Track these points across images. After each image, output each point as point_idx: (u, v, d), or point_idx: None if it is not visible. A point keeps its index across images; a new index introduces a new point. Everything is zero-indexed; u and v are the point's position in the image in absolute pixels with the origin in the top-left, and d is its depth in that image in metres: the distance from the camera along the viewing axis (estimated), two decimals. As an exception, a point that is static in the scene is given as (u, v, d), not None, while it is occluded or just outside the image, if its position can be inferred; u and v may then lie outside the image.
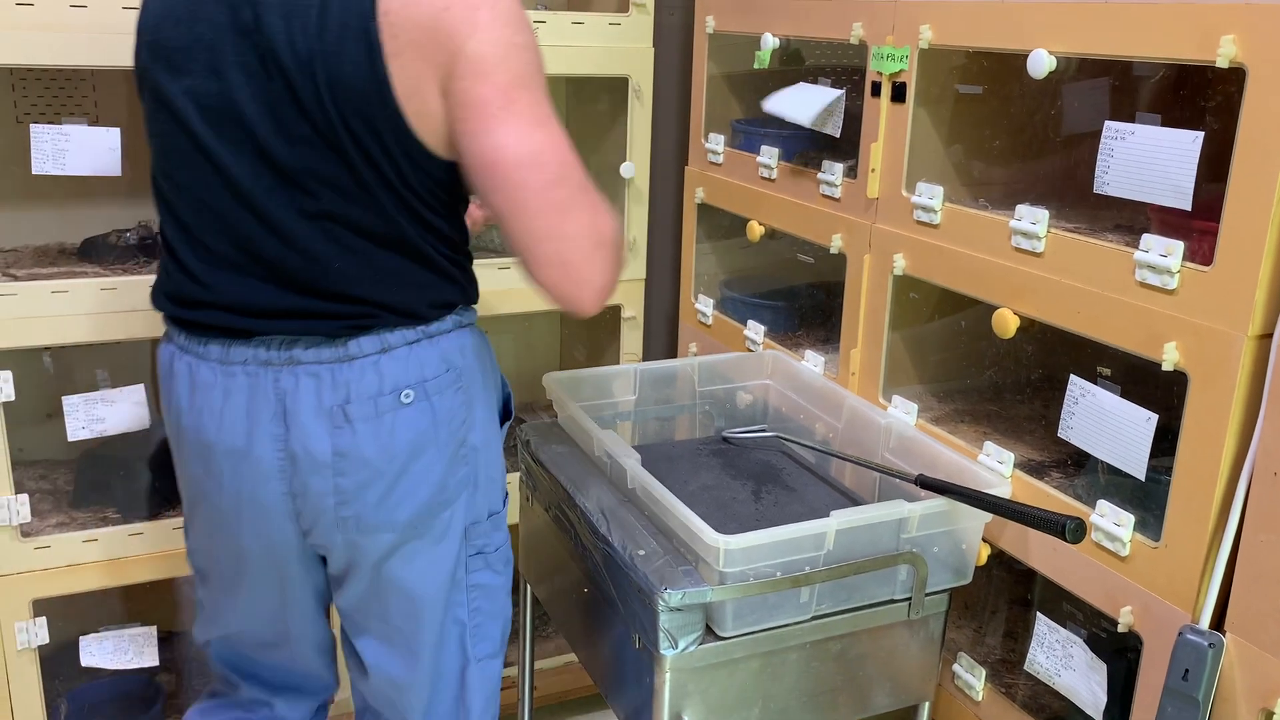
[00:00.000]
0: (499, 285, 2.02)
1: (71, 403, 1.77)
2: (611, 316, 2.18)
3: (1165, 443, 1.15)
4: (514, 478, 2.09)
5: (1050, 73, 1.23)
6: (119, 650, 1.91)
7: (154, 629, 1.92)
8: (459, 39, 1.13)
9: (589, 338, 2.37)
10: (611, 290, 1.25)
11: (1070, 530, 1.16)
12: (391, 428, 1.25)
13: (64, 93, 1.95)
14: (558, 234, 1.19)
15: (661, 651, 1.23)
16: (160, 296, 1.32)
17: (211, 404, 1.26)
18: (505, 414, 1.45)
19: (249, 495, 1.28)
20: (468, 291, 1.33)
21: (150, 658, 1.92)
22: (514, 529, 1.79)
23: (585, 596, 1.45)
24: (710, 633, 1.26)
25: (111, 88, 1.96)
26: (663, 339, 2.39)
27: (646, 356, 2.25)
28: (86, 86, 1.95)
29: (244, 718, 1.54)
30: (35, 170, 1.66)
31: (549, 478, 1.54)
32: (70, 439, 1.78)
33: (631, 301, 2.15)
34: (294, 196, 1.20)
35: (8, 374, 1.69)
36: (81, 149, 1.67)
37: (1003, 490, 1.34)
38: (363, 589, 1.36)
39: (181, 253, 1.27)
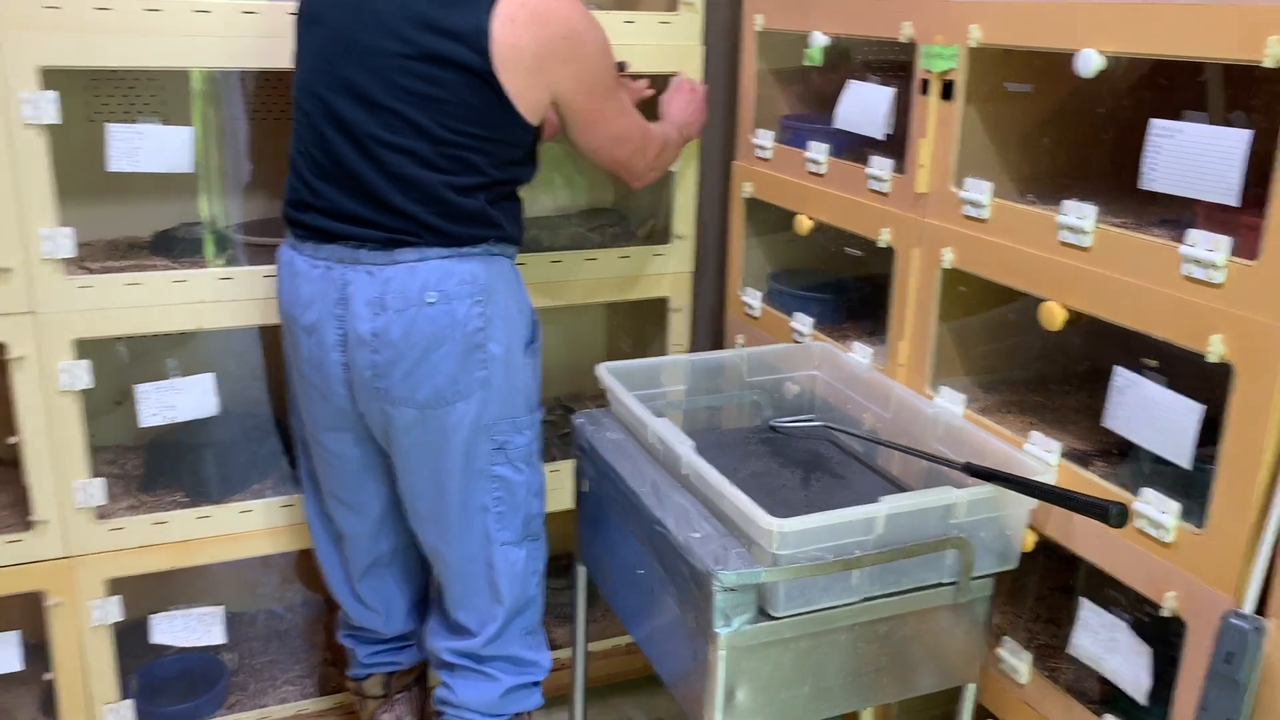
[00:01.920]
0: (550, 277, 2.08)
1: (144, 390, 1.84)
2: (659, 308, 2.23)
3: (1208, 432, 1.18)
4: (567, 465, 2.16)
5: (1099, 71, 1.26)
6: (187, 628, 1.99)
7: (221, 609, 2.00)
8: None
9: (635, 329, 2.42)
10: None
11: (1114, 515, 1.20)
12: (415, 320, 1.53)
13: (133, 92, 2.02)
14: (627, 165, 1.76)
15: (716, 630, 1.28)
16: (285, 205, 1.65)
17: (299, 290, 1.61)
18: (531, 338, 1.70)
19: (317, 362, 1.61)
20: (504, 230, 1.60)
21: (217, 636, 2.00)
22: (568, 514, 1.85)
23: (640, 578, 1.50)
24: (762, 613, 1.31)
25: (181, 88, 2.04)
26: (709, 331, 2.43)
27: (693, 348, 2.29)
28: (157, 86, 2.02)
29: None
30: (111, 167, 1.73)
31: (602, 464, 1.59)
32: (142, 425, 1.85)
33: (679, 294, 2.20)
34: (381, 129, 1.52)
35: (85, 363, 1.76)
36: (155, 147, 1.74)
37: (1049, 478, 1.37)
38: (400, 464, 1.65)
39: (300, 165, 1.62)
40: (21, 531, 1.81)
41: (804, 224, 1.86)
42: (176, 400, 1.87)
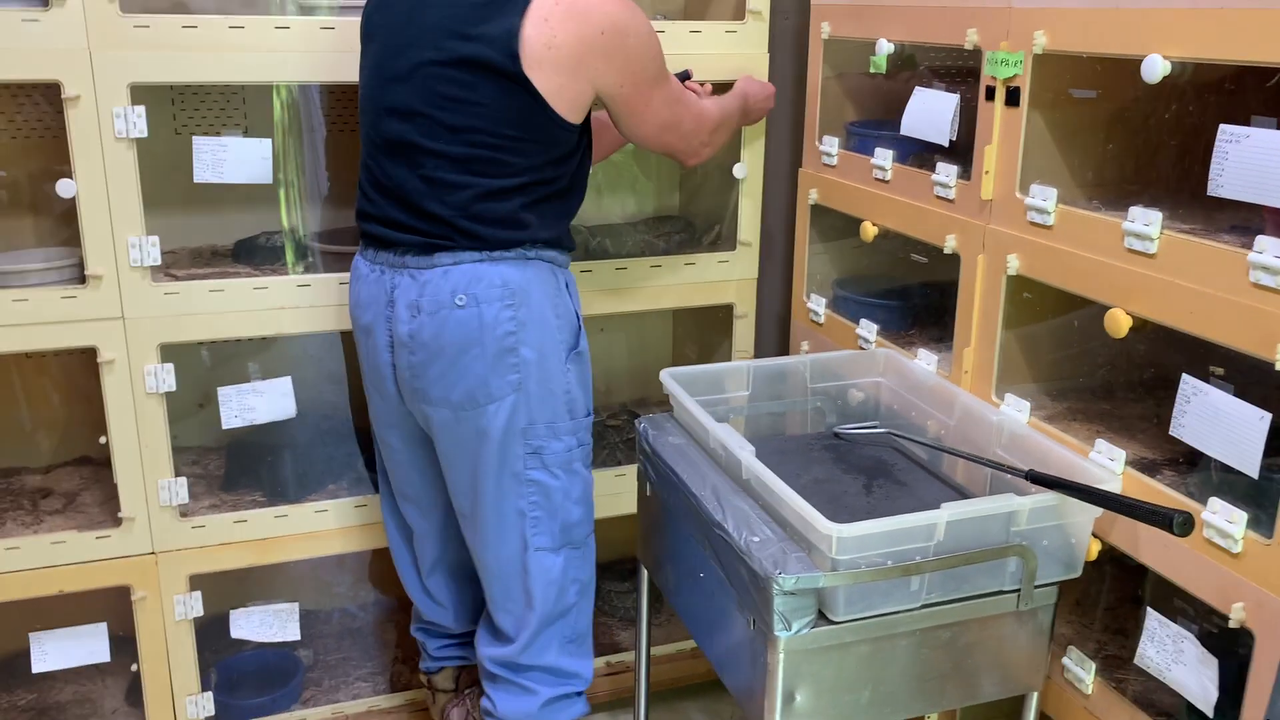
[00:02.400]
0: (617, 284, 2.11)
1: (225, 393, 1.91)
2: (723, 315, 2.24)
3: (1278, 441, 1.17)
4: (630, 469, 2.18)
5: (1164, 77, 1.25)
6: (264, 624, 2.06)
7: (296, 605, 2.06)
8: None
9: (700, 335, 2.44)
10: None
11: (1178, 524, 1.18)
12: (445, 322, 1.57)
13: (217, 106, 2.10)
14: (678, 149, 1.77)
15: (775, 633, 1.29)
16: (355, 215, 1.71)
17: (359, 293, 1.68)
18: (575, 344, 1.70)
19: (374, 363, 1.69)
20: (540, 233, 1.61)
21: (292, 632, 2.06)
22: (625, 519, 1.88)
23: (701, 582, 1.52)
24: (822, 617, 1.32)
25: (261, 101, 2.11)
26: (774, 337, 2.44)
27: (758, 354, 2.31)
28: (238, 100, 2.10)
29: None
30: (197, 179, 1.81)
31: (665, 468, 1.61)
32: (224, 427, 1.93)
33: (744, 300, 2.21)
34: (420, 136, 1.56)
35: (169, 366, 1.84)
36: (238, 159, 1.81)
37: (1113, 486, 1.36)
38: (443, 463, 1.70)
39: (363, 176, 1.68)
40: (111, 528, 1.89)
41: (869, 230, 1.86)
42: (256, 403, 1.94)
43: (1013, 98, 1.50)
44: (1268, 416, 1.17)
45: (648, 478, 1.71)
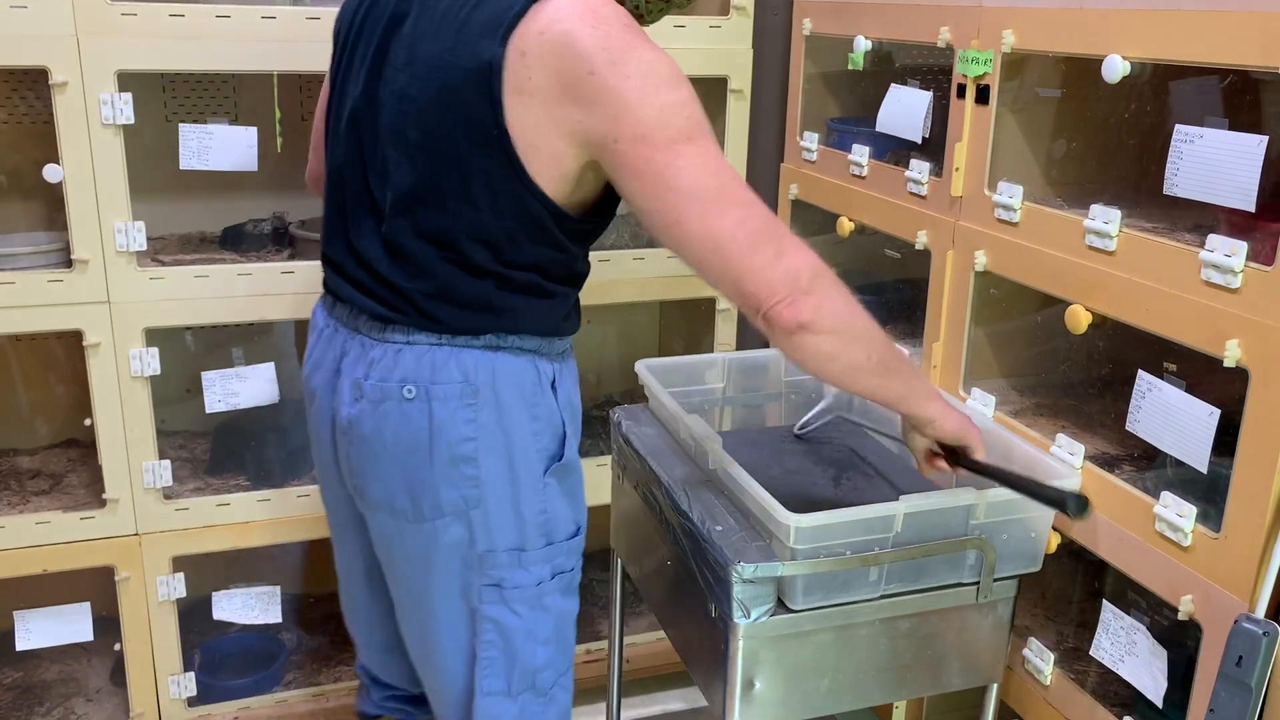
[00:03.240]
0: (600, 277, 2.12)
1: (209, 378, 1.94)
2: (707, 308, 2.26)
3: (1230, 436, 1.19)
4: (607, 458, 2.21)
5: (1124, 77, 1.27)
6: (246, 606, 2.09)
7: (278, 589, 2.09)
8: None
9: (687, 329, 2.46)
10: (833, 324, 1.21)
11: (1072, 506, 1.19)
12: (387, 414, 1.28)
13: (208, 94, 2.12)
14: (742, 273, 1.18)
15: (735, 620, 1.32)
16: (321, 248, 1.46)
17: (312, 349, 1.43)
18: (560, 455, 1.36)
19: (316, 432, 1.44)
20: (520, 321, 1.29)
21: (274, 615, 2.09)
22: (606, 508, 1.90)
23: (669, 570, 1.55)
24: (782, 606, 1.34)
25: (250, 90, 2.14)
26: (758, 331, 2.46)
27: (741, 348, 2.33)
28: (228, 88, 2.12)
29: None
30: (182, 165, 1.83)
31: (637, 458, 1.64)
32: (208, 411, 1.95)
33: (727, 294, 2.23)
34: (379, 184, 1.29)
35: (154, 350, 1.86)
36: (223, 146, 1.84)
37: (1073, 482, 1.38)
38: (384, 570, 1.42)
39: (324, 217, 1.42)
40: (95, 509, 1.92)
41: (845, 226, 1.88)
42: (240, 388, 1.96)
43: (983, 96, 1.52)
44: (1216, 412, 1.19)
45: (621, 467, 1.74)
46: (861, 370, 1.24)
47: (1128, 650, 1.33)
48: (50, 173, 1.75)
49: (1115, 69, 1.26)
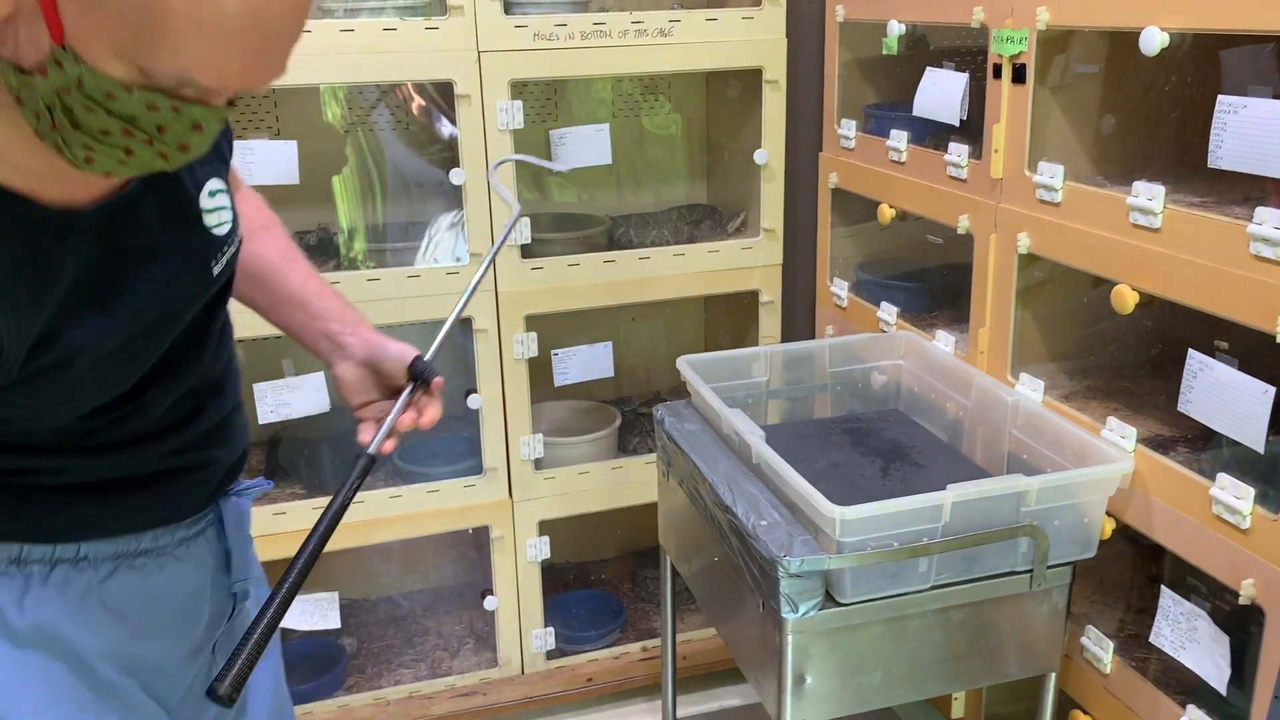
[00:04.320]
0: (644, 274, 2.13)
1: (261, 389, 1.97)
2: (750, 301, 2.25)
3: (1288, 415, 1.15)
4: (651, 455, 2.20)
5: (1163, 49, 1.24)
6: (305, 614, 2.12)
7: (336, 594, 2.12)
8: None
9: (733, 323, 2.45)
10: None
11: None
12: None
13: (249, 109, 2.16)
14: None
15: (783, 615, 1.31)
16: None
17: None
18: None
19: None
20: None
21: (333, 621, 2.12)
22: (653, 506, 1.90)
23: (717, 566, 1.54)
24: (830, 599, 1.33)
25: (289, 104, 2.16)
26: (803, 322, 2.44)
27: (786, 340, 2.31)
28: (269, 103, 2.15)
29: None
30: (225, 182, 1.86)
31: (681, 454, 1.63)
32: (260, 422, 1.98)
33: (769, 286, 2.22)
34: None
35: (207, 364, 1.90)
36: (264, 161, 1.86)
37: (1125, 465, 1.35)
38: None
39: None
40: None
41: (886, 213, 1.86)
42: (291, 398, 1.99)
43: (1019, 75, 1.49)
44: (1271, 390, 1.15)
45: (666, 464, 1.73)
46: None
47: (1189, 637, 1.30)
48: (99, 195, 1.79)
49: (1153, 41, 1.23)
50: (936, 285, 1.96)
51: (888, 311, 1.91)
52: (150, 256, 0.91)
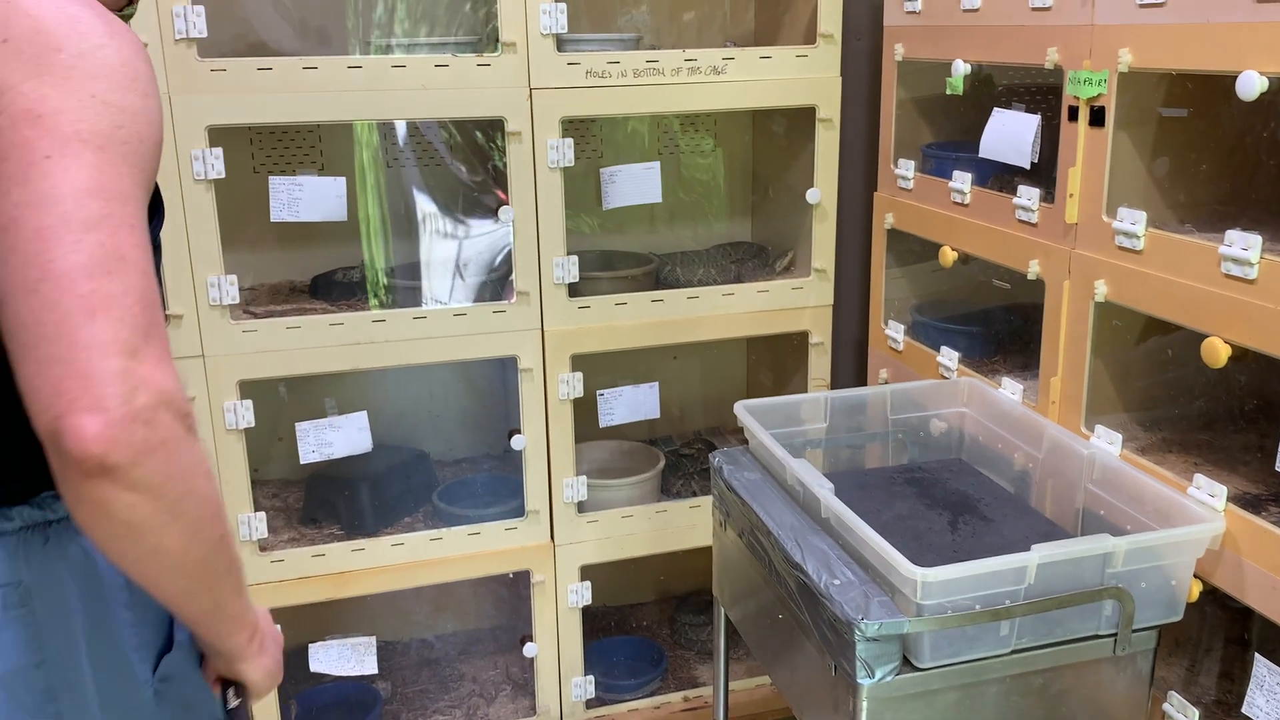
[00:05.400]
0: (692, 313, 2.08)
1: (303, 429, 1.93)
2: (798, 342, 2.20)
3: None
4: (705, 500, 2.15)
5: (1262, 94, 1.19)
6: (342, 658, 2.07)
7: (373, 639, 2.07)
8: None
9: (776, 362, 2.40)
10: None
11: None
12: None
13: (294, 145, 2.13)
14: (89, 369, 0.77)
15: (858, 680, 1.25)
16: None
17: None
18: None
19: None
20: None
21: (370, 666, 2.07)
22: (705, 551, 1.85)
23: (780, 622, 1.48)
24: (907, 663, 1.27)
25: (335, 140, 2.13)
26: (850, 365, 2.39)
27: (834, 382, 2.26)
28: (314, 138, 2.12)
29: None
30: (273, 218, 1.83)
31: (741, 504, 1.58)
32: (302, 462, 1.94)
33: (819, 328, 2.17)
34: None
35: (249, 403, 1.86)
36: (313, 197, 1.83)
37: (1216, 525, 1.29)
38: None
39: None
40: (192, 563, 1.91)
41: (948, 255, 1.81)
42: (333, 437, 1.95)
43: (1097, 118, 1.44)
44: (1385, 453, 1.10)
45: (723, 513, 1.68)
46: (171, 564, 0.84)
47: (1287, 708, 1.23)
48: (145, 230, 1.76)
49: (1252, 86, 1.19)
50: (1001, 330, 1.91)
51: (948, 356, 1.86)
52: None
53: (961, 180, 1.77)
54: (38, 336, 0.76)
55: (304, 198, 1.82)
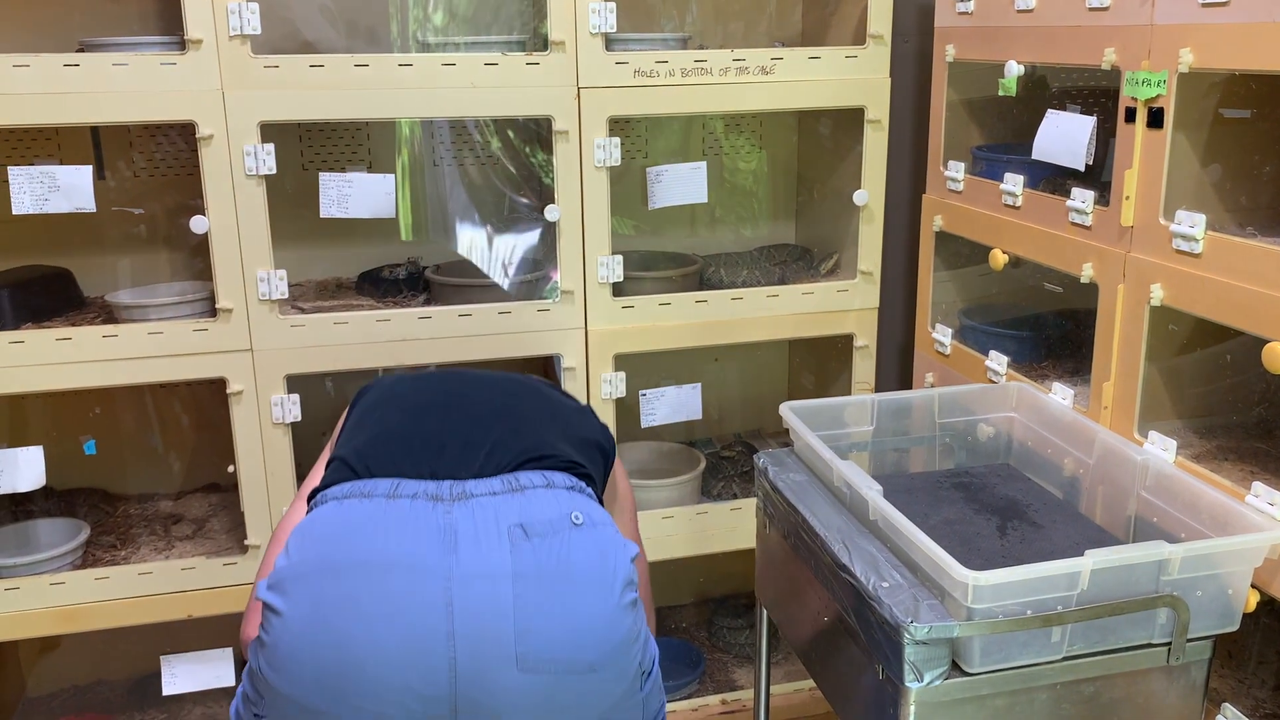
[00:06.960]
0: (736, 314, 2.07)
1: (348, 424, 1.93)
2: (842, 345, 2.19)
3: None
4: (746, 503, 2.14)
5: (1330, 95, 1.17)
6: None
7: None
8: None
9: (818, 364, 2.39)
10: None
11: None
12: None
13: (343, 142, 2.14)
14: None
15: (906, 684, 1.23)
16: None
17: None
18: None
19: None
20: None
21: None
22: (746, 553, 1.84)
23: (825, 624, 1.47)
24: (956, 668, 1.25)
25: (385, 137, 2.15)
26: (895, 368, 2.37)
27: (878, 386, 2.24)
28: (363, 135, 2.14)
29: None
30: (323, 214, 1.84)
31: (786, 505, 1.57)
32: (346, 456, 1.95)
33: (864, 330, 2.16)
34: None
35: (295, 397, 1.87)
36: (362, 194, 1.84)
37: (1276, 534, 1.26)
38: None
39: None
40: (238, 555, 1.93)
41: (999, 259, 1.79)
42: (377, 433, 1.95)
43: (1155, 119, 1.42)
44: None
45: (768, 515, 1.67)
46: None
47: (1348, 722, 1.21)
48: (196, 224, 1.78)
49: (1320, 87, 1.16)
50: (1051, 334, 1.89)
51: (997, 361, 1.84)
52: None
53: (1013, 182, 1.75)
54: None
55: (353, 194, 1.83)
